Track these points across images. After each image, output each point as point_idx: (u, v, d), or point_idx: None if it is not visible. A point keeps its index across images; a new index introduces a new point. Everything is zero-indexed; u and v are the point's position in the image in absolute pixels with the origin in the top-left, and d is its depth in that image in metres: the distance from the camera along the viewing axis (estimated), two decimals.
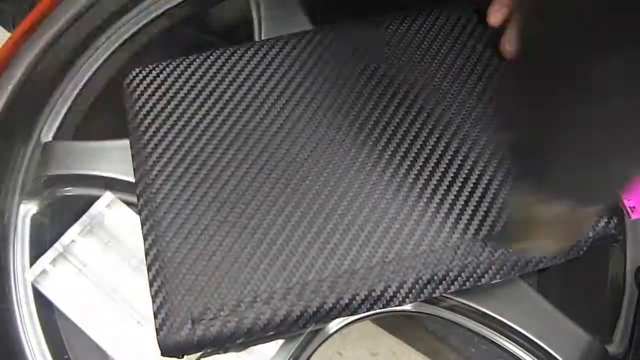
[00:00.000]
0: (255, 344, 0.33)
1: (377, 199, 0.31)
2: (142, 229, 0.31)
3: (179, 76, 0.35)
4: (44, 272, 0.36)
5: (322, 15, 0.42)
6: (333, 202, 0.31)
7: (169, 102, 0.34)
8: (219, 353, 0.32)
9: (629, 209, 0.33)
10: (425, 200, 0.31)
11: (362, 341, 0.57)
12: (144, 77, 0.35)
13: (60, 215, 0.40)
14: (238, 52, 0.36)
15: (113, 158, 0.37)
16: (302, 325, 0.30)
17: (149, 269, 0.30)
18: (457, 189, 0.32)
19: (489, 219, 0.31)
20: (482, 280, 0.30)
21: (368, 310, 0.30)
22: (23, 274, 0.37)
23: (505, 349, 0.34)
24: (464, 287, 0.30)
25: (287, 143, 0.33)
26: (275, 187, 0.32)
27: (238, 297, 0.29)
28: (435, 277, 0.30)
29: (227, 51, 0.36)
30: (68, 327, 0.37)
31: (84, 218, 0.37)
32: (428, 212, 0.31)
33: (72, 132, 0.42)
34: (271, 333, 0.30)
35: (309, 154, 0.33)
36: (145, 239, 0.31)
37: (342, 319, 0.32)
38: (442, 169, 0.32)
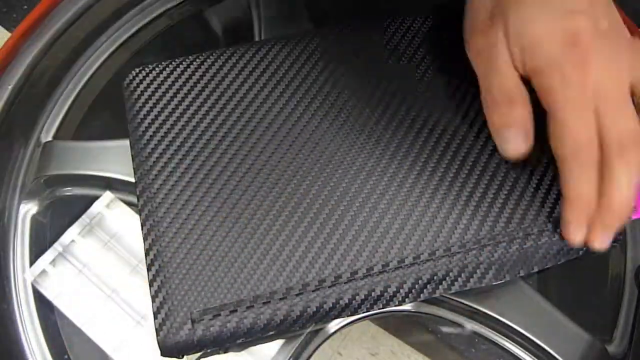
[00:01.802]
0: (256, 344, 0.33)
1: (377, 198, 0.31)
2: (142, 229, 0.31)
3: (179, 76, 0.35)
4: (43, 272, 0.36)
5: (322, 15, 0.42)
6: (333, 202, 0.31)
7: (169, 102, 0.34)
8: (219, 353, 0.32)
9: None
10: (426, 199, 0.31)
11: (362, 341, 0.57)
12: (144, 77, 0.35)
13: (60, 215, 0.40)
14: (238, 52, 0.36)
15: (113, 158, 0.37)
16: (302, 325, 0.30)
17: (148, 269, 0.30)
18: (458, 188, 0.32)
19: (489, 219, 0.31)
20: (483, 281, 0.30)
21: (368, 310, 0.30)
22: (23, 274, 0.37)
23: (505, 349, 0.34)
24: (464, 288, 0.30)
25: (287, 142, 0.33)
26: (276, 187, 0.32)
27: (238, 297, 0.29)
28: (435, 277, 0.30)
29: (227, 51, 0.36)
30: (68, 327, 0.37)
31: (84, 218, 0.37)
32: (428, 212, 0.31)
33: (72, 132, 0.42)
34: (271, 333, 0.30)
35: (310, 154, 0.33)
36: (145, 239, 0.31)
37: (342, 319, 0.32)
38: (442, 170, 0.32)
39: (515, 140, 0.29)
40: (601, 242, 0.29)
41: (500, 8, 0.29)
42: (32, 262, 0.37)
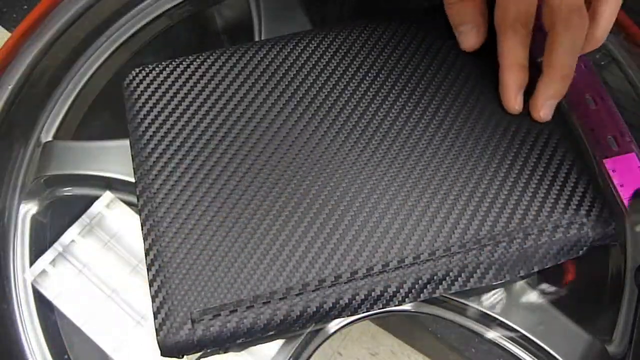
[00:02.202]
0: (256, 344, 0.33)
1: (377, 199, 0.31)
2: (142, 229, 0.31)
3: (179, 76, 0.35)
4: (43, 272, 0.36)
5: (322, 15, 0.42)
6: (333, 202, 0.31)
7: (169, 102, 0.34)
8: (219, 353, 0.32)
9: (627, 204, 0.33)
10: (426, 200, 0.31)
11: (362, 341, 0.57)
12: (144, 77, 0.35)
13: (60, 215, 0.40)
14: (238, 52, 0.36)
15: (113, 158, 0.37)
16: (302, 325, 0.30)
17: (148, 269, 0.30)
18: (457, 188, 0.32)
19: (489, 219, 0.31)
20: (483, 281, 0.30)
21: (368, 310, 0.30)
22: (23, 274, 0.37)
23: (505, 349, 0.34)
24: (465, 288, 0.30)
25: (288, 142, 0.33)
26: (276, 187, 0.32)
27: (238, 297, 0.29)
28: (435, 277, 0.30)
29: (227, 51, 0.36)
30: (68, 327, 0.37)
31: (84, 218, 0.37)
32: (428, 211, 0.31)
33: (72, 132, 0.42)
34: (271, 333, 0.30)
35: (310, 154, 0.33)
36: (145, 239, 0.31)
37: (342, 319, 0.32)
38: (442, 169, 0.32)
39: (468, 34, 0.34)
40: (545, 111, 0.33)
41: None
42: (32, 262, 0.37)
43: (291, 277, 0.30)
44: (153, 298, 0.29)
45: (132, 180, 0.34)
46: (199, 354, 0.30)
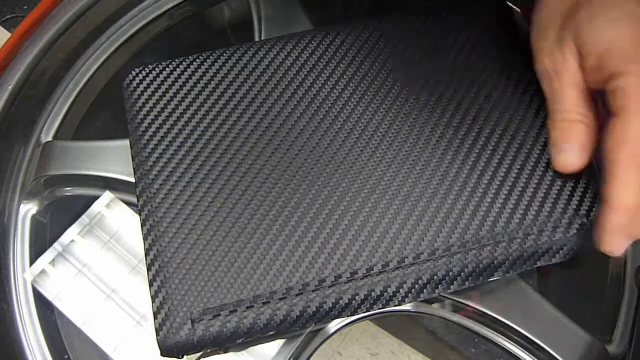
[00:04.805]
0: (255, 344, 0.33)
1: (377, 198, 0.31)
2: (142, 229, 0.31)
3: (179, 76, 0.35)
4: (43, 272, 0.36)
5: (322, 15, 0.43)
6: (333, 202, 0.31)
7: (169, 102, 0.34)
8: (219, 353, 0.32)
9: None
10: (426, 199, 0.31)
11: (362, 341, 0.57)
12: (144, 77, 0.35)
13: (60, 215, 0.40)
14: (238, 52, 0.36)
15: (113, 158, 0.37)
16: (302, 325, 0.30)
17: (148, 269, 0.30)
18: (458, 188, 0.32)
19: (489, 219, 0.31)
20: (481, 278, 0.30)
21: (368, 310, 0.30)
22: (22, 274, 0.37)
23: (505, 349, 0.34)
24: (464, 287, 0.30)
25: (288, 142, 0.33)
26: (276, 187, 0.32)
27: (238, 297, 0.29)
28: (435, 277, 0.30)
29: (227, 51, 0.36)
30: (68, 327, 0.37)
31: (83, 218, 0.37)
32: (428, 211, 0.31)
33: (72, 132, 0.42)
34: (271, 333, 0.30)
35: (310, 154, 0.33)
36: (145, 239, 0.31)
37: (342, 318, 0.32)
38: (442, 169, 0.32)
39: (570, 152, 0.30)
40: (620, 249, 0.28)
41: (571, 27, 0.29)
42: (32, 262, 0.37)
43: (291, 277, 0.30)
44: (153, 298, 0.29)
45: (132, 180, 0.34)
46: (199, 354, 0.30)
